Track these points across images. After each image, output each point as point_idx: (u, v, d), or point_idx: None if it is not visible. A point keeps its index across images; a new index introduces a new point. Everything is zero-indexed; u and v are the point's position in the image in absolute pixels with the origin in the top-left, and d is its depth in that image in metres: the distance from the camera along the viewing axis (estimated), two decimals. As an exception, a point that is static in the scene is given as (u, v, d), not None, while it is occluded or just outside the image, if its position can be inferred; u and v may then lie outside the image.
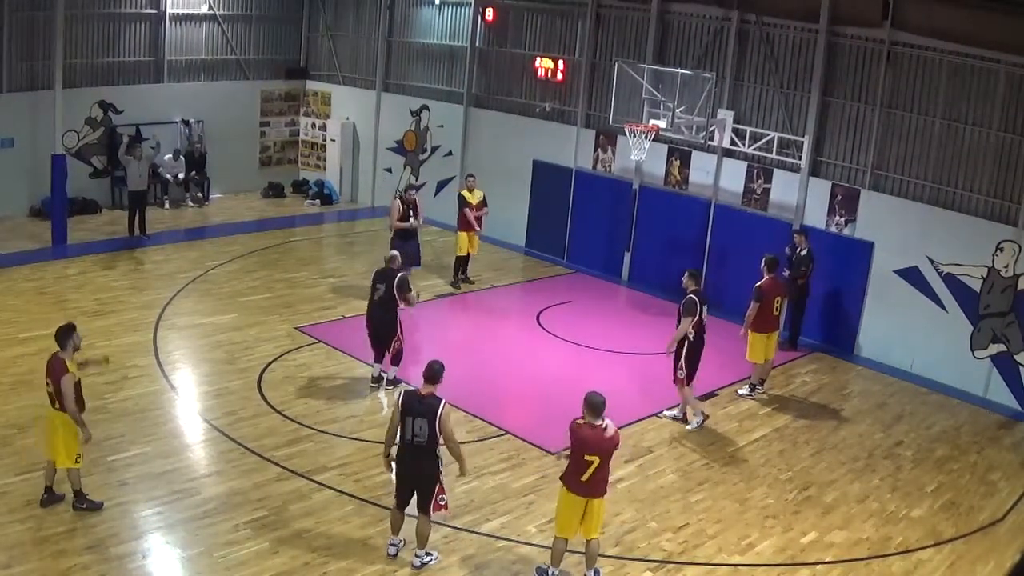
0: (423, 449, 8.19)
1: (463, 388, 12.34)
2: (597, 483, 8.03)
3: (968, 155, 13.84)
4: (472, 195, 16.63)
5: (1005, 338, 13.51)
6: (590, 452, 7.91)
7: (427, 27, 21.06)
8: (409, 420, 8.17)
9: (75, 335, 8.84)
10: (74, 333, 8.83)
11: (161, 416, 11.00)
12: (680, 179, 17.05)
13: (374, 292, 12.06)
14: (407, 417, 8.17)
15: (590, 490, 8.03)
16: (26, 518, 8.58)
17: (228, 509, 9.09)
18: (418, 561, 8.46)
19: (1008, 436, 12.61)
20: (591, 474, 7.95)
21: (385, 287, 11.89)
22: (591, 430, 7.99)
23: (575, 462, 8.00)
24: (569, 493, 8.09)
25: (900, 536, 9.70)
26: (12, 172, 18.11)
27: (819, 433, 12.10)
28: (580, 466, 7.96)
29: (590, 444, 7.92)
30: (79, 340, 8.93)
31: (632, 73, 15.57)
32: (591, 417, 8.00)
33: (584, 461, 7.93)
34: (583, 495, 8.04)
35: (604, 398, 8.04)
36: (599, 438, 7.95)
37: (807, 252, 14.42)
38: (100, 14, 19.53)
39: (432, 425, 8.10)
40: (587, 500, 8.05)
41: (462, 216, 16.51)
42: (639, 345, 14.51)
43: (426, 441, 8.14)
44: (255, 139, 22.67)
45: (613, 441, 8.02)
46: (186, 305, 14.60)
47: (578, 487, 8.02)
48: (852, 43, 14.82)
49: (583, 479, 7.98)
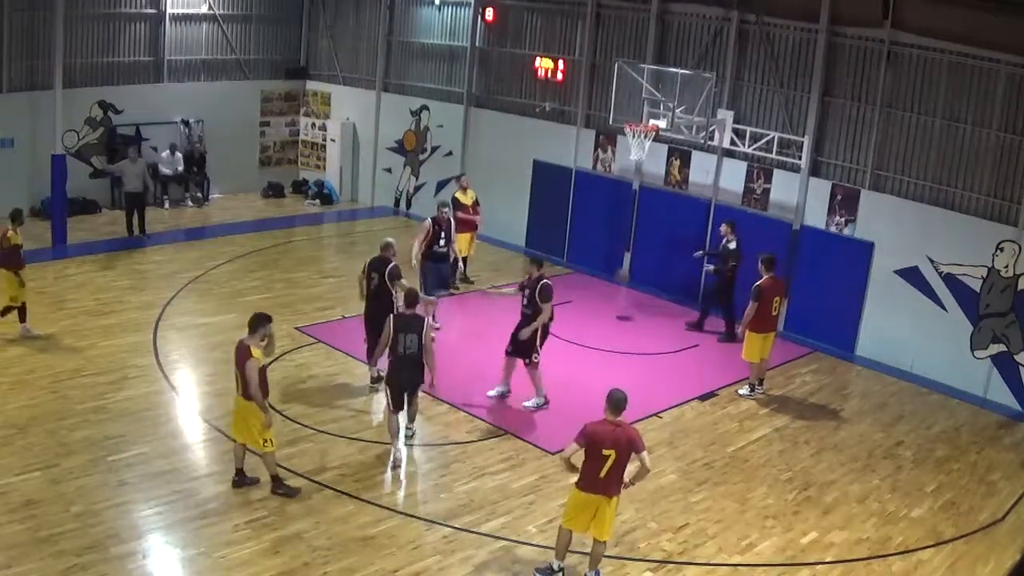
0: (414, 358, 10.00)
1: (463, 388, 12.36)
2: (614, 480, 8.02)
3: (968, 155, 13.84)
4: (466, 196, 16.65)
5: (1005, 338, 13.52)
6: (607, 447, 7.91)
7: (427, 27, 21.06)
8: (402, 336, 9.90)
9: (269, 326, 9.25)
10: (269, 324, 9.26)
11: (161, 416, 11.00)
12: (680, 179, 17.05)
13: (369, 282, 12.05)
14: (399, 334, 9.90)
15: (607, 487, 8.01)
16: (26, 518, 8.58)
17: (228, 509, 9.09)
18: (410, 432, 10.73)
19: (1008, 436, 12.61)
20: (608, 470, 7.94)
21: (379, 276, 11.90)
22: (607, 426, 8.00)
23: (592, 461, 7.99)
24: (582, 493, 8.08)
25: (900, 536, 9.70)
26: (12, 172, 18.11)
27: (819, 433, 12.10)
28: (598, 462, 7.95)
29: (607, 439, 7.93)
30: (271, 331, 9.29)
31: (632, 73, 15.57)
32: (611, 413, 8.04)
33: (602, 457, 7.93)
34: (599, 493, 8.03)
35: (626, 395, 8.09)
36: (615, 433, 7.96)
37: (736, 245, 14.45)
38: (100, 14, 19.53)
39: (421, 336, 9.92)
40: (601, 499, 8.05)
41: (457, 218, 16.48)
42: (639, 345, 14.52)
43: (416, 351, 9.96)
44: (255, 139, 22.67)
45: (627, 434, 8.01)
46: (186, 305, 14.60)
47: (595, 484, 8.00)
48: (852, 43, 14.82)
49: (601, 475, 7.96)
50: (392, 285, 11.81)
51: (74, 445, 10.00)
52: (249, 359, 8.95)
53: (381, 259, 12.02)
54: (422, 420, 11.58)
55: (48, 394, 11.17)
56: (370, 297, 12.04)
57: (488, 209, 17.81)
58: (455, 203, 16.47)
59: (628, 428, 8.08)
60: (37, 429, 10.25)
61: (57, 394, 11.19)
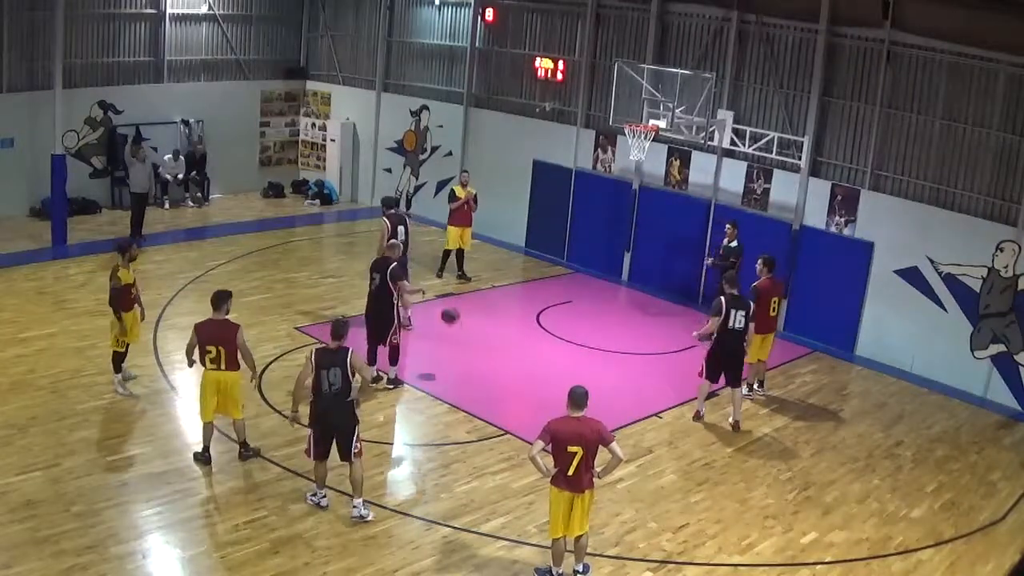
0: (339, 396, 8.85)
1: (463, 388, 12.37)
2: (584, 476, 8.01)
3: (968, 155, 13.84)
4: (464, 191, 16.77)
5: (1005, 338, 13.52)
6: (572, 443, 7.91)
7: (427, 27, 21.06)
8: (323, 373, 8.82)
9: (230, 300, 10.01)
10: (230, 299, 10.03)
11: (161, 416, 11.00)
12: (680, 179, 17.05)
13: (371, 282, 12.08)
14: (321, 370, 8.83)
15: (577, 484, 8.01)
16: (26, 518, 8.58)
17: (228, 509, 9.10)
18: (356, 512, 8.99)
19: (1008, 436, 12.61)
20: (576, 467, 7.94)
21: (380, 276, 11.91)
22: (571, 422, 7.99)
23: (559, 458, 7.99)
24: (556, 491, 8.10)
25: (900, 536, 9.70)
26: (12, 172, 18.11)
27: (819, 433, 12.10)
28: (565, 460, 7.95)
29: (571, 435, 7.92)
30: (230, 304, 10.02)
31: (632, 73, 15.56)
32: (573, 410, 8.03)
33: (568, 454, 7.92)
34: (569, 490, 8.03)
35: (586, 390, 8.08)
36: (578, 429, 7.95)
37: (737, 244, 14.46)
38: (100, 14, 19.53)
39: (345, 371, 8.82)
40: (573, 496, 8.04)
41: (452, 210, 16.71)
42: (639, 345, 14.52)
43: (341, 387, 8.82)
44: (255, 139, 22.67)
45: (593, 428, 7.99)
46: (186, 305, 14.58)
47: (565, 482, 8.02)
48: (852, 43, 14.82)
49: (569, 473, 7.97)
50: (394, 285, 11.83)
51: (74, 445, 10.00)
52: (237, 330, 9.72)
53: (383, 259, 12.08)
54: (423, 420, 11.60)
55: (48, 394, 11.17)
56: (371, 297, 12.08)
57: (488, 209, 17.84)
58: (451, 196, 16.87)
59: (593, 422, 8.04)
60: (37, 429, 10.25)
61: (57, 394, 11.19)
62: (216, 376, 9.72)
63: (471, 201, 16.72)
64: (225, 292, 10.08)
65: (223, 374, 9.72)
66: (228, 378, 9.76)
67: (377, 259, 12.31)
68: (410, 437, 11.33)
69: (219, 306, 9.87)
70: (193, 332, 9.81)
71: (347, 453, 8.95)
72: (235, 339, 9.69)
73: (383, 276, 11.88)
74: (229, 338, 9.69)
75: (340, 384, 8.83)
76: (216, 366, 9.69)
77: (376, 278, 11.98)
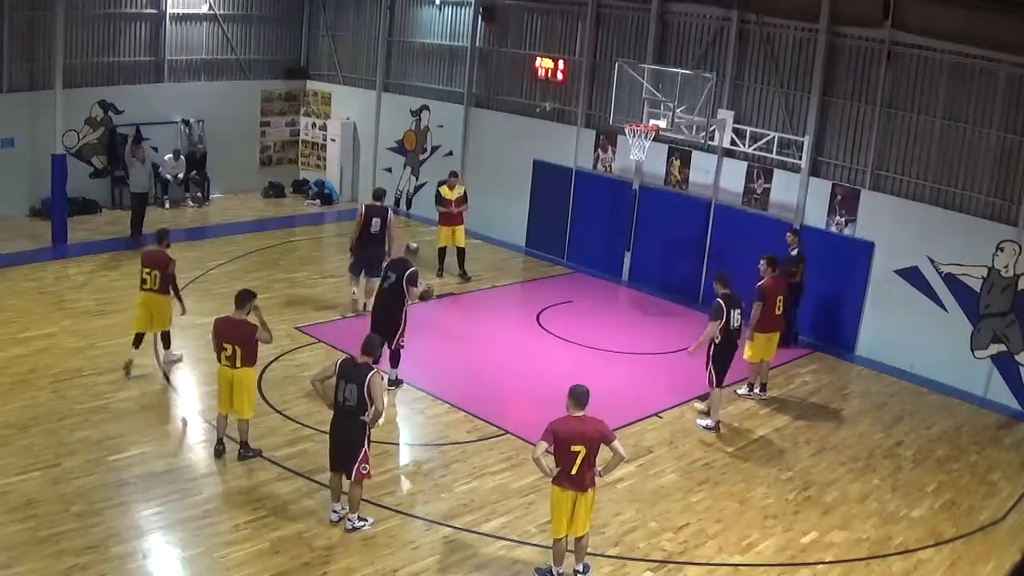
0: (351, 413, 8.67)
1: (463, 388, 12.37)
2: (587, 475, 8.02)
3: (968, 155, 13.84)
4: (451, 192, 16.81)
5: (1005, 338, 13.51)
6: (575, 443, 7.92)
7: (427, 27, 21.06)
8: (342, 384, 8.69)
9: (254, 300, 10.12)
10: (255, 299, 10.13)
11: (161, 416, 11.00)
12: (680, 179, 17.05)
13: (384, 280, 12.07)
14: (340, 380, 8.72)
15: (580, 483, 8.01)
16: (26, 518, 8.58)
17: (228, 509, 9.10)
18: (350, 524, 8.88)
19: (1008, 436, 12.61)
20: (579, 466, 7.95)
21: (396, 276, 11.90)
22: (573, 421, 8.01)
23: (562, 458, 7.99)
24: (559, 490, 8.09)
25: (900, 536, 9.70)
26: (12, 172, 18.11)
27: (819, 433, 12.10)
28: (568, 459, 7.96)
29: (574, 435, 7.93)
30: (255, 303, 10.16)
31: (632, 73, 15.56)
32: (574, 409, 8.05)
33: (571, 453, 7.93)
34: (573, 489, 8.03)
35: (587, 389, 8.10)
36: (581, 428, 7.97)
37: (797, 252, 14.44)
38: (100, 14, 19.52)
39: (361, 391, 8.56)
40: (576, 495, 8.05)
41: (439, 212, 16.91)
42: (639, 345, 14.52)
43: (355, 405, 8.61)
44: (255, 139, 22.66)
45: (595, 427, 8.01)
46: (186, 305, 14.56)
47: (568, 481, 8.02)
48: (852, 43, 14.82)
49: (572, 473, 7.98)
50: (407, 291, 11.82)
51: (74, 445, 9.99)
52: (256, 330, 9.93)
53: (402, 260, 12.07)
54: (423, 420, 11.61)
55: (48, 394, 11.17)
56: (382, 295, 12.07)
57: (488, 209, 17.85)
58: (438, 197, 16.92)
59: (594, 421, 8.06)
60: (37, 429, 10.25)
61: (57, 394, 11.19)
62: (230, 373, 9.83)
63: (456, 202, 16.76)
64: (249, 292, 10.17)
65: (237, 371, 9.81)
66: (242, 376, 9.85)
67: (395, 259, 12.30)
68: (410, 437, 11.33)
69: (242, 305, 9.99)
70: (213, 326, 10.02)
71: (350, 471, 8.80)
72: (252, 339, 9.87)
73: (399, 277, 11.86)
74: (246, 338, 9.84)
75: (354, 402, 8.63)
76: (231, 363, 9.80)
77: (392, 277, 11.95)
